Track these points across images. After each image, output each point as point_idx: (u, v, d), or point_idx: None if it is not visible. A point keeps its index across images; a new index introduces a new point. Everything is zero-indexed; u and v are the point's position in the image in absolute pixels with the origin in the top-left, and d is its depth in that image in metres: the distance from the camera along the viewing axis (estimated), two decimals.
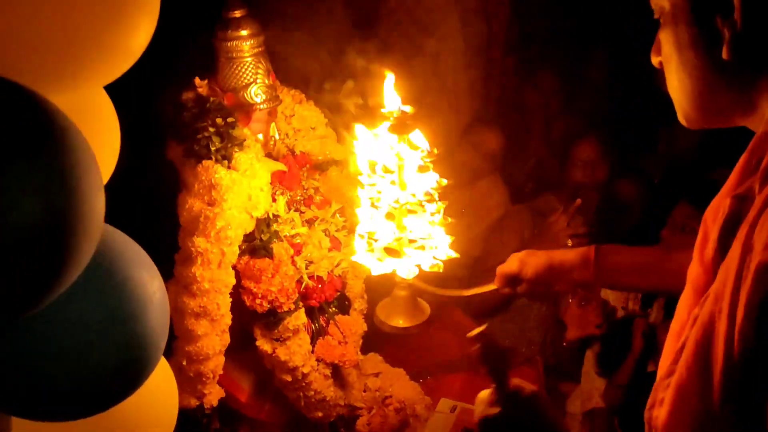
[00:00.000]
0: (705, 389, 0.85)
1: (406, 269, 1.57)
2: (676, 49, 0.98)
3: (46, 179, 0.93)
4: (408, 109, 1.54)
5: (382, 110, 1.54)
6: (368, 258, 1.59)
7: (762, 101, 0.94)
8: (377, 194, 1.55)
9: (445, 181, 1.56)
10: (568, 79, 3.71)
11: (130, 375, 1.22)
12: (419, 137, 1.54)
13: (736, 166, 0.96)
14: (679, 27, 0.96)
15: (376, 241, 1.57)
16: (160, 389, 1.46)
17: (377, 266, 1.58)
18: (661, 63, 1.04)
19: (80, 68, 1.12)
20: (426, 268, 1.57)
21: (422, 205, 1.55)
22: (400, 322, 1.67)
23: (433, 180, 1.55)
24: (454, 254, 1.59)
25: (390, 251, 1.56)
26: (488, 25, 3.65)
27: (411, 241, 1.56)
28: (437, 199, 1.55)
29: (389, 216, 1.55)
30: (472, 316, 2.75)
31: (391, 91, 1.55)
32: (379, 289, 1.83)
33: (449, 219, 1.59)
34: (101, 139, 1.28)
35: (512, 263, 1.65)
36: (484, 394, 1.21)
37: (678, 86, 1.00)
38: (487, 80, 3.67)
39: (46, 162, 0.93)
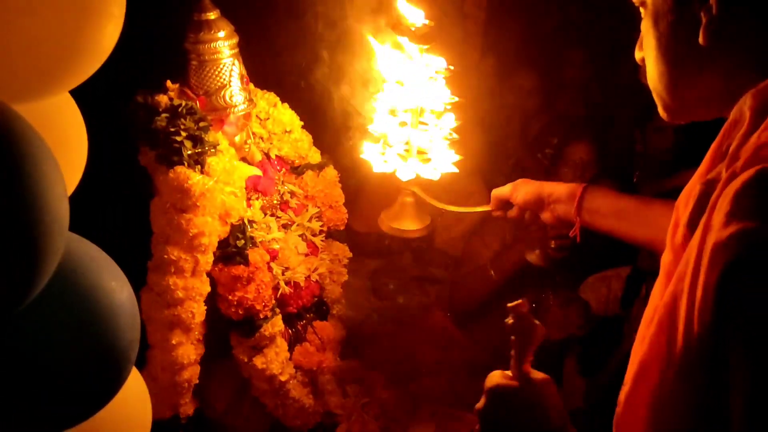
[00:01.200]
0: (665, 366, 0.88)
1: (405, 173, 1.64)
2: (656, 39, 1.00)
3: (6, 188, 0.89)
4: (427, 21, 1.59)
5: (405, 22, 1.59)
6: (373, 155, 1.65)
7: (738, 88, 0.94)
8: (393, 103, 1.63)
9: (456, 98, 1.64)
10: (547, 79, 3.71)
11: (100, 387, 1.19)
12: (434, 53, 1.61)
13: (708, 152, 0.97)
14: (659, 15, 0.98)
15: (390, 146, 1.65)
16: (132, 401, 1.42)
17: (379, 165, 1.64)
18: (643, 60, 1.06)
19: (44, 72, 1.08)
20: (423, 175, 1.64)
21: (439, 116, 1.64)
22: (404, 225, 1.72)
23: (446, 95, 1.63)
24: (455, 170, 1.66)
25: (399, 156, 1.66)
26: (464, 27, 3.64)
27: (420, 152, 1.65)
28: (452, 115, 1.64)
29: (402, 123, 1.64)
30: (455, 312, 2.75)
31: (409, 6, 1.60)
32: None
33: (455, 136, 1.65)
34: (67, 144, 1.25)
35: (506, 187, 1.67)
36: (497, 371, 1.21)
37: (657, 76, 1.02)
38: (464, 82, 3.65)
39: (5, 171, 0.89)
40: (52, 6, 1.02)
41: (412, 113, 1.62)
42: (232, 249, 1.82)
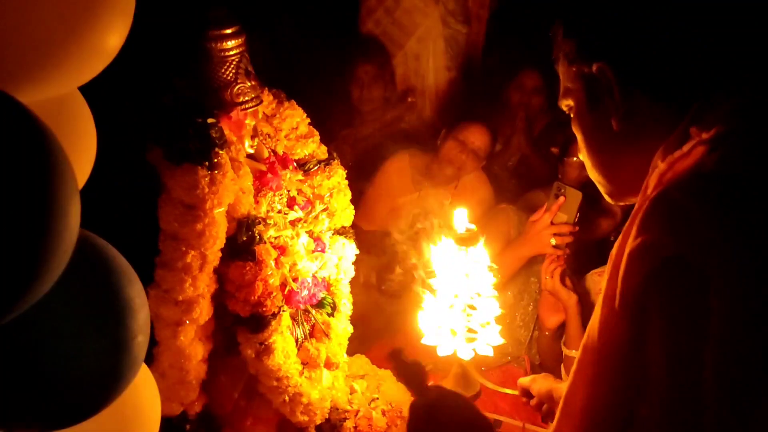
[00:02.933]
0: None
1: (464, 353, 1.96)
2: (584, 135, 1.20)
3: (18, 184, 0.89)
4: (473, 227, 1.99)
5: (455, 229, 1.99)
6: (435, 340, 1.97)
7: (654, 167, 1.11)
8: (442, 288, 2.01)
9: (495, 280, 1.99)
10: (551, 76, 3.71)
11: (109, 383, 1.19)
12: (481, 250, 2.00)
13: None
14: (583, 117, 1.19)
15: (455, 334, 1.98)
16: (141, 397, 1.43)
17: (442, 349, 1.96)
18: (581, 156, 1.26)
19: (53, 68, 1.08)
20: (480, 352, 1.96)
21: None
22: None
23: (490, 281, 1.99)
24: (503, 341, 1.97)
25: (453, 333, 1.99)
26: (469, 26, 3.64)
27: (470, 330, 1.98)
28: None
29: (452, 306, 1.99)
30: None
31: (461, 216, 2.01)
32: None
33: (502, 310, 2.00)
34: (77, 141, 1.25)
35: (528, 379, 1.79)
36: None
37: (592, 165, 1.22)
38: (468, 79, 3.66)
39: (17, 167, 0.90)
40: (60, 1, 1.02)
41: (464, 304, 1.98)
42: (240, 245, 1.82)
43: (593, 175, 1.23)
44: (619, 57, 1.10)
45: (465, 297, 1.96)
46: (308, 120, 2.07)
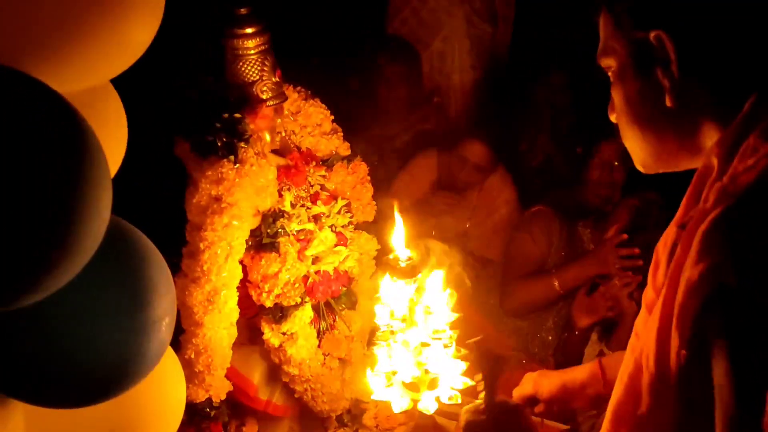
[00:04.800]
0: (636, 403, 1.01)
1: (427, 404, 1.66)
2: (626, 102, 1.08)
3: (53, 170, 0.95)
4: (412, 255, 1.69)
5: (391, 258, 1.70)
6: (388, 395, 1.68)
7: (704, 140, 1.03)
8: (392, 334, 1.70)
9: (456, 315, 1.70)
10: (577, 76, 3.71)
11: (135, 363, 1.24)
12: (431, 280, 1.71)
13: (683, 199, 1.07)
14: (627, 82, 1.06)
15: (393, 374, 1.69)
16: (167, 380, 1.48)
17: (399, 403, 1.67)
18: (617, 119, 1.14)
19: (86, 61, 1.14)
20: (444, 400, 1.67)
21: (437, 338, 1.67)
22: None
23: (447, 316, 1.70)
24: (470, 382, 1.67)
25: (410, 386, 1.67)
26: (495, 25, 3.67)
27: (427, 372, 1.67)
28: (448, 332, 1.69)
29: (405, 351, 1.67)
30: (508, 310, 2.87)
31: (399, 243, 1.70)
32: None
33: (462, 350, 1.69)
34: (108, 132, 1.30)
35: (527, 385, 1.69)
36: (470, 406, 1.35)
37: (631, 136, 1.11)
38: (494, 79, 3.68)
39: (53, 153, 0.95)
40: None
41: (416, 348, 1.66)
42: (264, 237, 1.87)
43: (629, 143, 1.12)
44: (684, 29, 0.97)
45: (417, 336, 1.68)
46: (332, 117, 2.12)
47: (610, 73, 1.11)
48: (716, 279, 0.86)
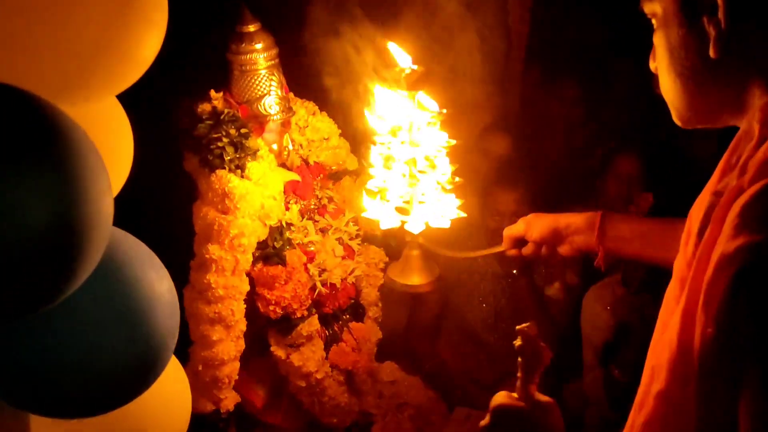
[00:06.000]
0: (681, 371, 0.91)
1: (414, 225, 1.59)
2: (668, 50, 1.02)
3: (53, 182, 0.98)
4: (416, 67, 1.55)
5: (395, 69, 1.55)
6: (378, 212, 1.60)
7: (750, 100, 0.97)
8: (389, 151, 1.58)
9: (453, 141, 1.59)
10: (591, 89, 3.72)
11: (138, 375, 1.26)
12: (426, 98, 1.56)
13: (719, 163, 1.00)
14: (671, 29, 1.00)
15: (387, 201, 1.60)
16: (172, 390, 1.50)
17: (386, 220, 1.59)
18: (657, 69, 1.08)
19: (91, 78, 1.17)
20: (433, 224, 1.59)
21: (433, 165, 1.57)
22: (411, 280, 1.67)
23: (442, 139, 1.58)
24: (463, 214, 1.61)
25: (400, 210, 1.60)
26: (508, 40, 3.68)
27: (421, 203, 1.60)
28: (447, 159, 1.59)
29: (403, 175, 1.58)
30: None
31: (398, 51, 1.57)
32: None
33: (458, 179, 1.60)
34: (114, 147, 1.34)
35: (518, 225, 1.65)
36: (503, 391, 1.22)
37: (671, 87, 1.04)
38: (506, 92, 3.69)
39: (52, 165, 0.98)
40: (95, 13, 1.10)
41: (410, 163, 1.57)
42: (271, 250, 1.90)
43: (668, 96, 1.07)
44: None
45: (412, 156, 1.57)
46: (339, 131, 2.15)
47: (654, 21, 1.06)
48: (753, 257, 0.80)
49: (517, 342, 1.20)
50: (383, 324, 2.30)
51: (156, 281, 1.27)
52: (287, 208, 1.97)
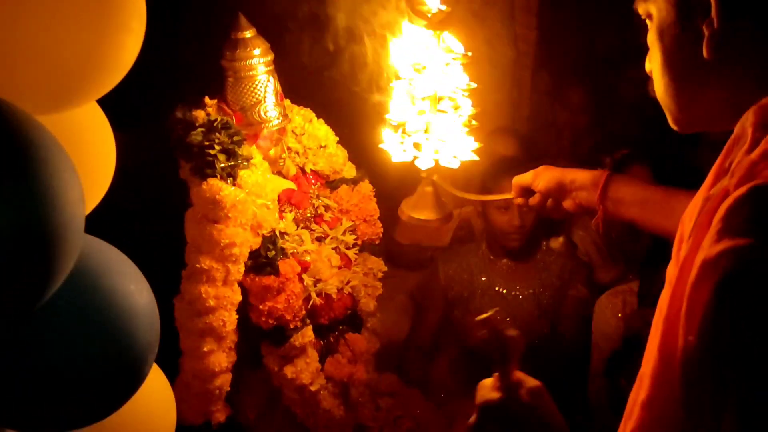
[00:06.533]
0: (667, 378, 0.89)
1: (424, 161, 1.61)
2: (662, 52, 1.01)
3: (19, 191, 0.95)
4: (443, 7, 1.55)
5: (421, 8, 1.55)
6: (393, 145, 1.62)
7: (744, 103, 0.94)
8: (411, 87, 1.60)
9: (474, 85, 1.60)
10: (599, 97, 3.68)
11: (115, 388, 1.24)
12: (452, 38, 1.57)
13: (713, 167, 0.97)
14: (665, 30, 0.99)
15: (409, 135, 1.62)
16: (154, 403, 1.47)
17: (399, 154, 1.62)
18: (651, 71, 1.07)
19: (66, 84, 1.15)
20: (443, 163, 1.62)
21: (457, 105, 1.60)
22: (424, 214, 1.71)
23: (464, 81, 1.59)
24: (476, 157, 1.63)
25: (416, 146, 1.62)
26: (516, 48, 3.65)
27: (441, 140, 1.61)
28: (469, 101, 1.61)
29: (421, 111, 1.60)
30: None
31: None
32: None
33: (475, 123, 1.62)
34: (94, 151, 1.31)
35: (528, 174, 1.66)
36: (487, 381, 1.19)
37: (665, 89, 1.04)
38: (514, 100, 3.66)
39: (18, 173, 0.95)
40: (72, 20, 1.08)
41: (430, 100, 1.59)
42: (263, 259, 1.86)
43: (663, 98, 1.05)
44: None
45: (439, 94, 1.59)
46: (336, 138, 2.11)
47: (648, 21, 1.04)
48: (736, 263, 0.78)
49: (480, 334, 1.16)
50: (384, 334, 2.27)
51: (134, 293, 1.25)
52: (281, 217, 1.94)
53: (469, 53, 1.58)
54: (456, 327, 2.66)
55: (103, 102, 1.34)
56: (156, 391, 1.48)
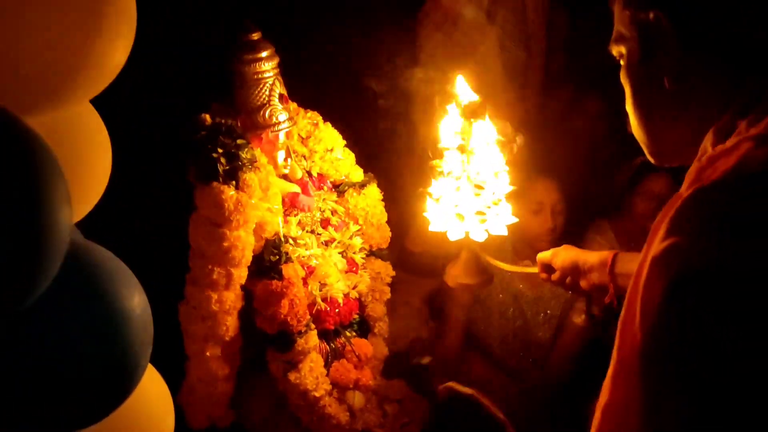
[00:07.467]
0: (624, 373, 0.95)
1: (477, 234, 1.74)
2: (633, 88, 1.09)
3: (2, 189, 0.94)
4: (476, 98, 1.73)
5: (459, 99, 1.74)
6: (432, 214, 1.77)
7: (708, 129, 1.01)
8: (453, 166, 1.76)
9: (507, 168, 1.77)
10: (617, 104, 3.62)
11: (106, 392, 1.22)
12: (488, 124, 1.74)
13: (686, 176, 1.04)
14: (634, 67, 1.07)
15: (456, 206, 1.75)
16: (152, 407, 1.46)
17: (436, 224, 1.76)
18: None
19: (55, 86, 1.14)
20: (493, 232, 1.75)
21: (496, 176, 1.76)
22: (468, 280, 1.85)
23: (499, 162, 1.76)
24: (505, 233, 1.76)
25: (459, 217, 1.75)
26: (527, 49, 3.61)
27: (479, 212, 1.75)
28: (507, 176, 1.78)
29: (461, 188, 1.75)
30: None
31: (463, 83, 1.77)
32: None
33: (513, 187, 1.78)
34: (90, 152, 1.31)
35: (548, 252, 1.74)
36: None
37: (637, 124, 1.11)
38: (527, 100, 3.62)
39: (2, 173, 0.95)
40: (58, 21, 1.08)
41: (467, 178, 1.74)
42: (267, 264, 1.85)
43: (637, 132, 1.12)
44: (677, 6, 0.99)
45: (472, 175, 1.75)
46: (344, 142, 2.10)
47: (621, 61, 1.10)
48: (686, 260, 0.85)
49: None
50: (394, 339, 2.25)
51: (126, 297, 1.23)
52: (286, 221, 1.93)
53: (503, 138, 1.77)
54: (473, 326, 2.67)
55: (107, 103, 1.35)
56: (153, 395, 1.47)
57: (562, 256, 1.69)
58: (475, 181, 1.75)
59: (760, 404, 0.80)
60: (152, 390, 1.47)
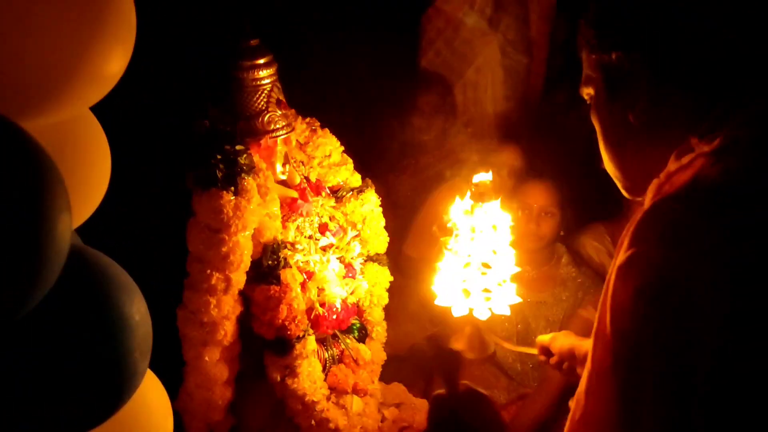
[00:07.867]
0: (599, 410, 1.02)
1: (481, 312, 1.79)
2: (601, 124, 1.16)
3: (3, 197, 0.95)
4: (487, 179, 1.80)
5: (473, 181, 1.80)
6: (438, 289, 1.81)
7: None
8: (461, 245, 1.81)
9: (513, 250, 1.82)
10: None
11: (107, 397, 1.23)
12: (496, 208, 1.80)
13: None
14: (601, 106, 1.15)
15: (464, 281, 1.79)
16: (151, 413, 1.47)
17: (440, 299, 1.80)
18: None
19: (59, 93, 1.15)
20: (496, 311, 1.79)
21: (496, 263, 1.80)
22: (471, 354, 1.89)
23: (506, 241, 1.82)
24: (519, 299, 1.82)
25: (465, 292, 1.80)
26: (529, 55, 3.62)
27: (485, 290, 1.79)
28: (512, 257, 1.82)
29: (467, 265, 1.80)
30: None
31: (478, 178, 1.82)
32: None
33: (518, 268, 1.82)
34: (89, 158, 1.32)
35: (548, 336, 1.76)
36: (439, 392, 1.36)
37: (608, 159, 1.18)
38: (528, 107, 3.63)
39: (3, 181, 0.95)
40: (57, 27, 1.08)
41: (474, 258, 1.78)
42: (265, 269, 1.86)
43: (609, 168, 1.20)
44: (637, 48, 1.07)
45: (480, 255, 1.80)
46: (342, 148, 2.11)
47: (590, 103, 1.18)
48: (647, 268, 0.93)
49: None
50: (392, 344, 2.25)
51: (126, 303, 1.24)
52: (284, 227, 1.93)
53: (512, 224, 1.84)
54: None
55: (106, 109, 1.35)
56: (152, 401, 1.47)
57: (560, 342, 1.70)
58: (481, 260, 1.79)
59: (723, 403, 0.88)
60: (151, 396, 1.48)
